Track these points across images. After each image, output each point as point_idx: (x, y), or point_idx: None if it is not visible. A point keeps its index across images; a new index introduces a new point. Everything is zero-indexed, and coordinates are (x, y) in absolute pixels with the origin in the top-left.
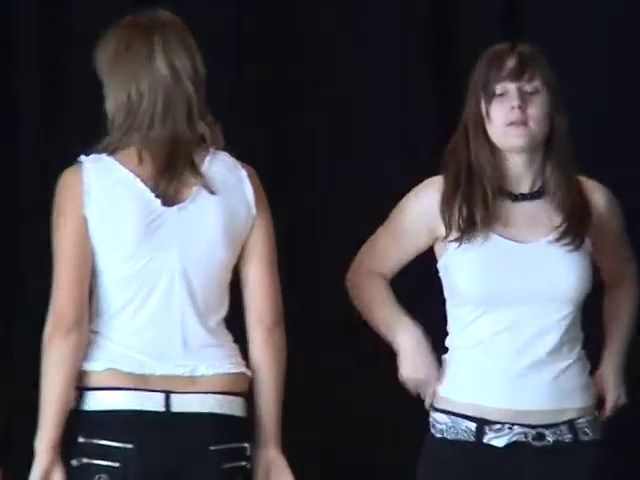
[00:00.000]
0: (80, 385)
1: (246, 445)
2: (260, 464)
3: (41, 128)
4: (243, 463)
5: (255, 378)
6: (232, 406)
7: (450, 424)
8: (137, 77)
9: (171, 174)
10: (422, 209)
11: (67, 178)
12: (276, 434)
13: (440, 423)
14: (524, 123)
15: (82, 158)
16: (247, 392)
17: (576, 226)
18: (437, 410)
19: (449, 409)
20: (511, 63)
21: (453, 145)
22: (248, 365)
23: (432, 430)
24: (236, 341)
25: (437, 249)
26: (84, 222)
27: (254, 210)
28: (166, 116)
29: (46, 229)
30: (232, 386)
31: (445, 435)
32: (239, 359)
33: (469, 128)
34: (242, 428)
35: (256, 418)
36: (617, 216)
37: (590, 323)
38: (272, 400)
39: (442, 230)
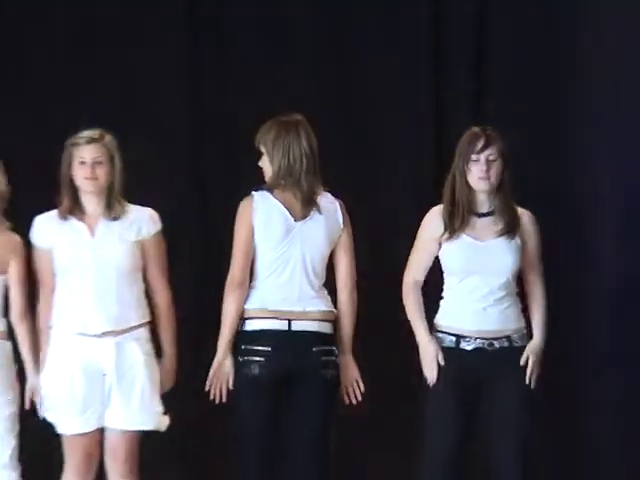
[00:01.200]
0: (243, 316)
1: (334, 348)
2: (340, 363)
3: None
4: (333, 358)
5: (339, 316)
6: (325, 327)
7: (441, 337)
8: (293, 150)
9: (304, 204)
10: (430, 230)
11: (245, 203)
12: (349, 346)
13: (439, 338)
14: (488, 178)
15: (253, 193)
16: (334, 321)
17: (510, 227)
18: (437, 331)
19: (443, 330)
20: (481, 142)
21: (446, 186)
22: (335, 307)
23: None
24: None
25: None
26: (252, 228)
27: (342, 225)
28: (307, 173)
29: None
30: (326, 317)
31: (441, 344)
32: (330, 303)
33: (456, 176)
34: (331, 339)
35: (338, 337)
36: (535, 227)
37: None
38: (348, 328)
39: (442, 234)
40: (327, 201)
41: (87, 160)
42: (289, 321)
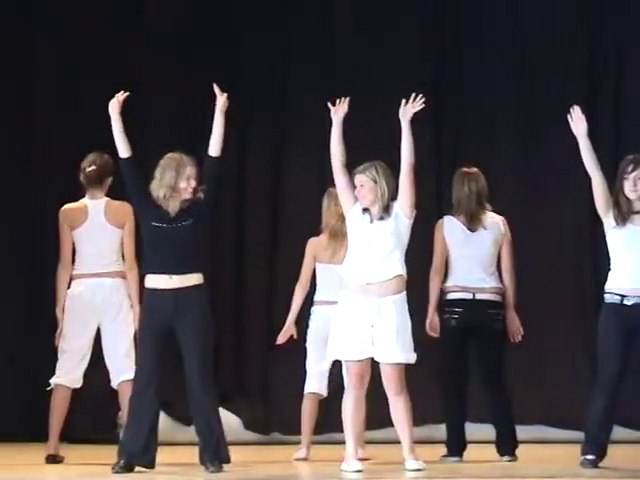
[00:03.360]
0: (443, 290)
1: (501, 310)
2: (507, 318)
3: None
4: (500, 317)
5: (505, 288)
6: (495, 297)
7: (610, 297)
8: (461, 192)
9: (473, 222)
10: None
11: (439, 223)
12: (512, 307)
13: (607, 298)
14: (636, 191)
15: (444, 217)
16: (502, 293)
17: None
18: (605, 292)
19: (610, 291)
20: (630, 167)
21: (613, 194)
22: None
23: (605, 301)
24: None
25: (607, 229)
26: (445, 238)
27: (503, 233)
28: (470, 205)
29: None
30: (496, 290)
31: (607, 301)
32: (499, 281)
33: (617, 188)
34: (500, 304)
35: (505, 302)
36: None
37: None
38: (511, 296)
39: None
40: (489, 219)
41: (357, 184)
42: (473, 294)
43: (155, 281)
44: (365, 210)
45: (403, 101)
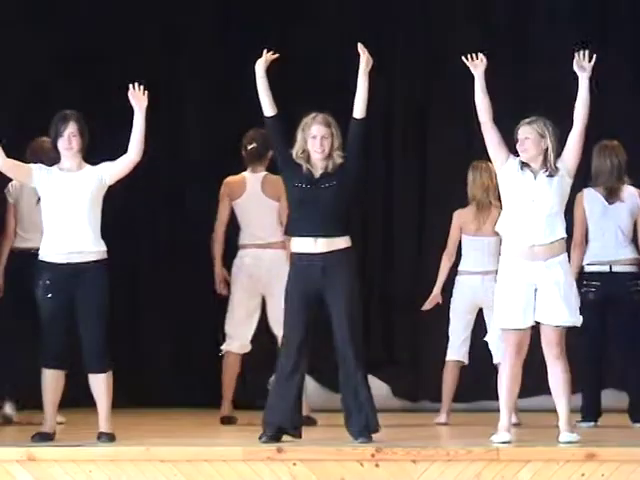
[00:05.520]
0: (584, 264)
1: (639, 282)
2: None
3: None
4: (638, 288)
5: None
6: (632, 268)
7: None
8: (602, 165)
9: (612, 194)
10: None
11: (580, 195)
12: None
13: None
14: None
15: (584, 190)
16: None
17: None
18: None
19: None
20: None
21: None
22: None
23: None
24: None
25: None
26: (584, 208)
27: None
28: (610, 178)
29: None
30: (632, 261)
31: None
32: (636, 252)
33: None
34: (637, 275)
35: None
36: None
37: None
38: None
39: None
40: (629, 192)
41: (520, 136)
42: (610, 265)
43: (301, 245)
44: (524, 165)
45: (578, 55)
